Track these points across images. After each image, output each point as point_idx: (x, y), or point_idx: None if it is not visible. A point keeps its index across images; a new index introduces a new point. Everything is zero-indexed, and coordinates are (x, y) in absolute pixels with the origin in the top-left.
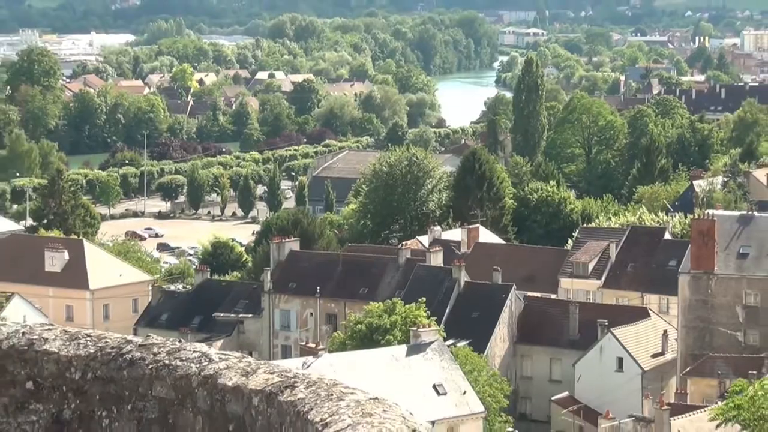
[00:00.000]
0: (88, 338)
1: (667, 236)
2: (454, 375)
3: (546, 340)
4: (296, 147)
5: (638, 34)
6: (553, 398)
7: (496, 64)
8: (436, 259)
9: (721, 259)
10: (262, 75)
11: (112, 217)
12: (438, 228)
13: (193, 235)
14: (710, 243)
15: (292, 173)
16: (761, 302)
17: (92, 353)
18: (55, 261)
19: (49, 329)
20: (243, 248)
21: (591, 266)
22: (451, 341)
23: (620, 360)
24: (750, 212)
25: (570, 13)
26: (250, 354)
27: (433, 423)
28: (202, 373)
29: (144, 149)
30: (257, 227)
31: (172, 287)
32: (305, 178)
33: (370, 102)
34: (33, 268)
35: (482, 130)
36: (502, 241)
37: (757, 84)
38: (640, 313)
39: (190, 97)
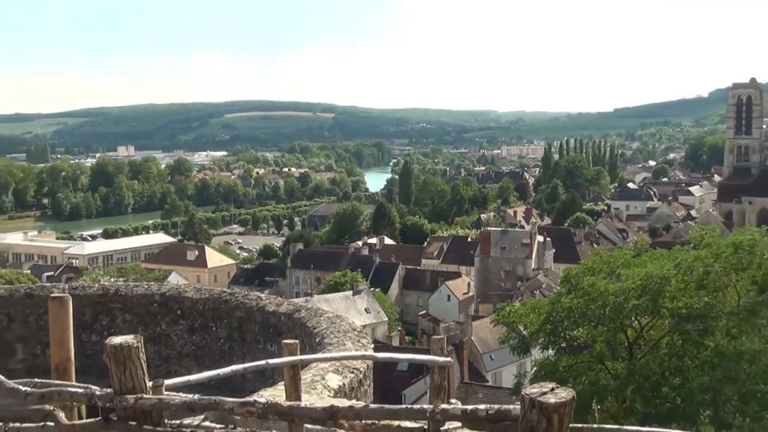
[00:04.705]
0: (206, 290)
1: (470, 240)
2: (373, 304)
3: (416, 287)
4: (300, 201)
5: (455, 149)
6: (419, 314)
7: (391, 163)
8: (365, 252)
9: (493, 250)
10: (285, 169)
11: (217, 234)
12: (366, 237)
13: (255, 242)
14: (488, 242)
15: (300, 214)
16: (505, 269)
17: (207, 297)
18: (191, 255)
19: (187, 286)
20: (278, 248)
21: (435, 253)
22: (372, 289)
23: (449, 296)
24: (505, 229)
25: (424, 140)
26: (281, 296)
27: (363, 326)
28: (258, 305)
29: (231, 203)
30: (284, 238)
31: (245, 266)
32: (306, 216)
33: (334, 181)
34: (181, 258)
35: (385, 192)
36: (395, 243)
37: (508, 171)
38: (458, 275)
39: (252, 179)
